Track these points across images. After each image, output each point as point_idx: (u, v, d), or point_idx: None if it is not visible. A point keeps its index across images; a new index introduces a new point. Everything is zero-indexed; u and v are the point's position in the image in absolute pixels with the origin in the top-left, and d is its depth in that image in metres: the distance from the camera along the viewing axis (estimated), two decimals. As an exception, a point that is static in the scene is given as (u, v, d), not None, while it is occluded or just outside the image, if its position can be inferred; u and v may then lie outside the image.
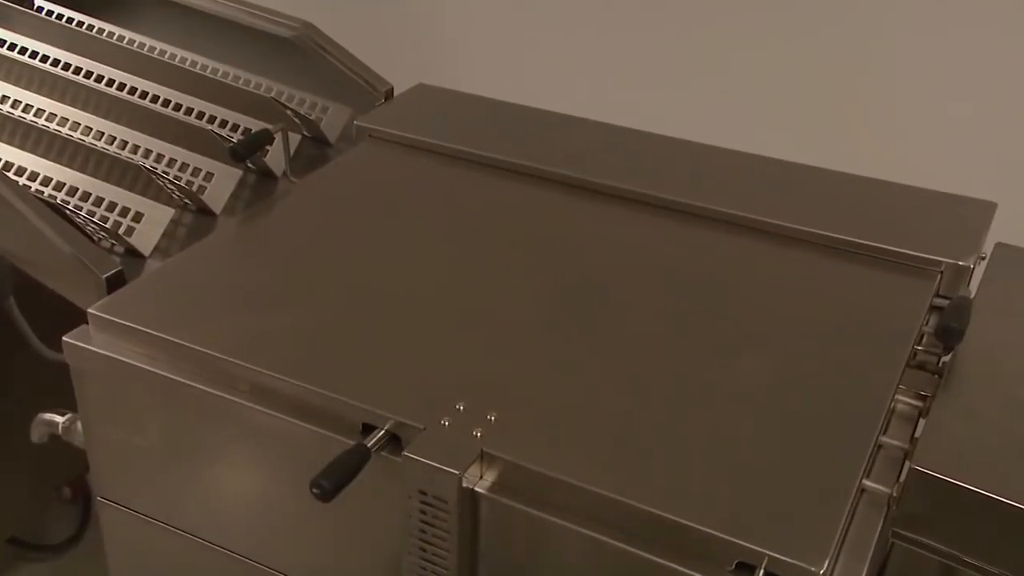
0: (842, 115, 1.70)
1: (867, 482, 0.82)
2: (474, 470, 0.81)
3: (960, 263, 1.07)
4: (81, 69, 1.47)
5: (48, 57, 1.49)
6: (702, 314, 1.01)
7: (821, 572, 0.71)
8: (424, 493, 0.81)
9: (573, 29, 1.90)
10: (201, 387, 0.92)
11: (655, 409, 0.88)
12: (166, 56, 1.52)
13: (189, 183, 1.27)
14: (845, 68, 1.67)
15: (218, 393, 0.91)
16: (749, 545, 0.73)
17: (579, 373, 0.92)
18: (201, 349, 0.92)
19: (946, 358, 0.97)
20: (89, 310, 0.97)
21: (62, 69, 1.47)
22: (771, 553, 0.72)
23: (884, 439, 0.87)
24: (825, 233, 1.12)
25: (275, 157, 1.32)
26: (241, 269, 1.07)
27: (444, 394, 0.87)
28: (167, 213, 1.20)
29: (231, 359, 0.91)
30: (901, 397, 0.93)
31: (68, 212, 1.16)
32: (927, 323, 1.02)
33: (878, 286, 1.06)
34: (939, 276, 1.07)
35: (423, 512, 0.81)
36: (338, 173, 1.27)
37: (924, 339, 1.00)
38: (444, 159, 1.29)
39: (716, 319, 1.00)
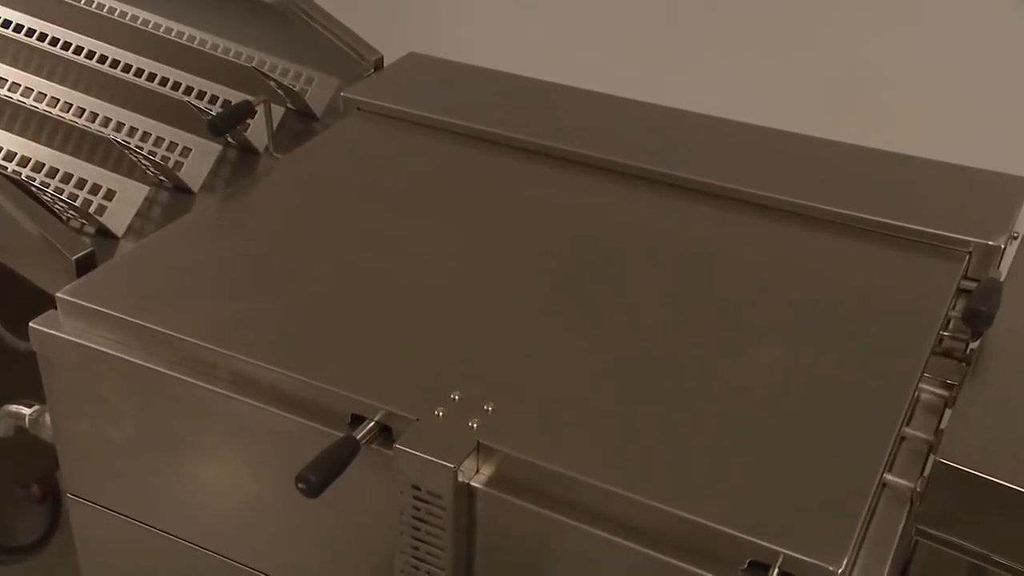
0: (862, 87, 1.69)
1: (889, 476, 0.82)
2: (470, 463, 0.81)
3: (990, 243, 1.07)
4: (46, 36, 1.47)
5: (10, 23, 1.49)
6: (712, 298, 1.01)
7: (839, 571, 0.71)
8: (417, 488, 0.81)
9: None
10: (178, 376, 0.92)
11: (662, 399, 0.88)
12: (138, 22, 1.51)
13: (164, 159, 1.27)
14: (866, 38, 1.67)
15: (197, 383, 0.91)
16: (762, 543, 0.73)
17: (582, 361, 0.92)
18: (178, 335, 0.92)
19: (974, 344, 0.97)
20: (57, 294, 0.97)
21: (25, 35, 1.47)
22: (786, 551, 0.73)
23: (907, 431, 0.87)
24: (844, 212, 1.12)
25: (257, 131, 1.32)
26: (221, 250, 1.07)
27: (438, 383, 0.87)
28: (141, 191, 1.20)
29: (210, 346, 0.91)
30: (926, 386, 0.93)
31: (34, 189, 1.16)
32: (954, 307, 1.02)
33: (901, 268, 1.06)
34: (967, 257, 1.07)
35: (416, 508, 0.82)
36: (324, 148, 1.27)
37: (951, 324, 1.00)
38: (436, 133, 1.29)
39: (727, 303, 1.00)
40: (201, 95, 1.39)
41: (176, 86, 1.40)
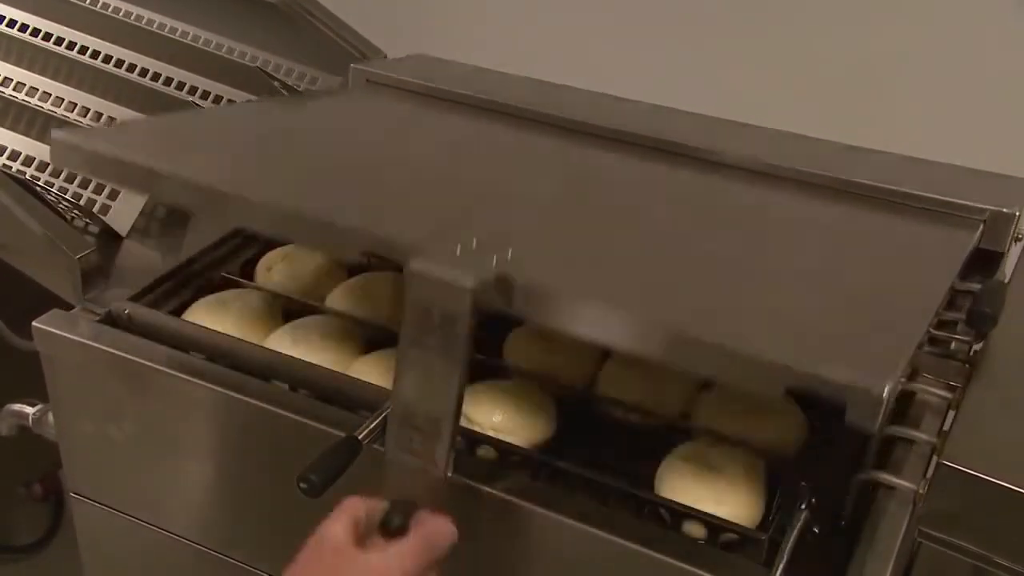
0: (865, 88, 1.69)
1: (892, 478, 0.82)
2: (487, 293, 0.72)
3: (1004, 210, 1.02)
4: (51, 35, 1.48)
5: (15, 22, 1.49)
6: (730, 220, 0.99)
7: (883, 394, 0.64)
8: (429, 310, 0.72)
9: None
10: (182, 375, 0.92)
11: (693, 243, 0.87)
12: (143, 22, 1.52)
13: (168, 158, 1.27)
14: (868, 38, 1.67)
15: (200, 382, 0.91)
16: (801, 369, 0.66)
17: (605, 227, 0.90)
18: (187, 178, 0.86)
19: (978, 346, 0.97)
20: (52, 134, 0.90)
21: (30, 35, 1.47)
22: (826, 376, 0.65)
23: (911, 432, 0.87)
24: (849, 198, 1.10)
25: (260, 130, 1.32)
26: (232, 130, 1.04)
27: (457, 229, 0.80)
28: (145, 190, 1.20)
29: (221, 188, 0.85)
30: (930, 388, 0.93)
31: (38, 189, 1.16)
32: (957, 298, 1.00)
33: (911, 239, 1.02)
34: (981, 225, 1.02)
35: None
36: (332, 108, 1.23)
37: (957, 326, 0.98)
38: (448, 104, 1.25)
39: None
40: (205, 95, 1.40)
41: (180, 86, 1.41)
